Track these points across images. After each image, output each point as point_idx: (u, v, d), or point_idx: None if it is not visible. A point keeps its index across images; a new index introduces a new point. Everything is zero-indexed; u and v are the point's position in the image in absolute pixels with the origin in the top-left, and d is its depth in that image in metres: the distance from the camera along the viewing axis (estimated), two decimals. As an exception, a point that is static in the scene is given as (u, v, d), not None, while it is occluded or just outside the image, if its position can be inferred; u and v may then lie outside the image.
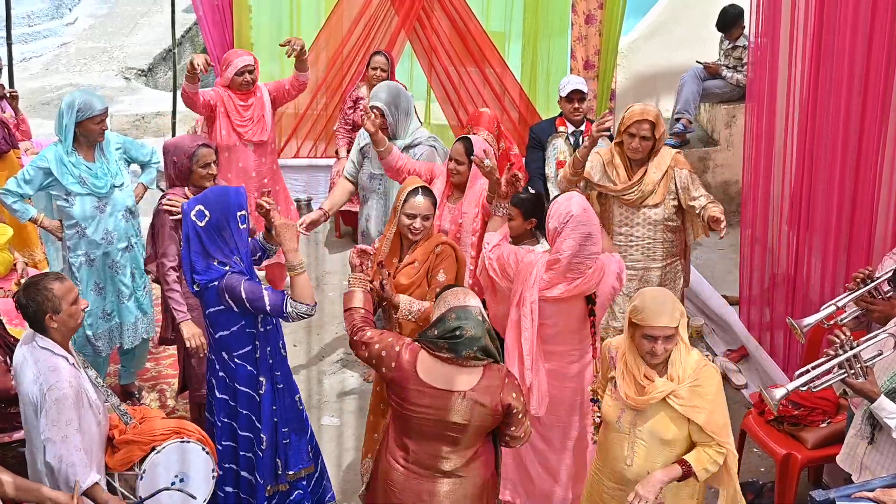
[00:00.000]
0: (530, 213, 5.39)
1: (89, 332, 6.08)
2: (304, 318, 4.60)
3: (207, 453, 4.67)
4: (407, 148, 6.28)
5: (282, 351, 4.92)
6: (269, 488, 4.96)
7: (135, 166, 6.32)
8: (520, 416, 4.12)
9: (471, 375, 4.05)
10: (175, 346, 5.90)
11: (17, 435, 5.16)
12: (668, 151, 5.87)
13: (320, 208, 6.36)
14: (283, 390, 4.92)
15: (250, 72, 7.02)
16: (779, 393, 4.05)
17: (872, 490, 3.77)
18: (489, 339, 4.08)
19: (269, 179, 7.14)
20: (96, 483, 4.13)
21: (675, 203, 5.82)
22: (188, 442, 4.60)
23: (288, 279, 5.02)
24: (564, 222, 4.77)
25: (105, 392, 4.46)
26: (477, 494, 4.20)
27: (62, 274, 4.37)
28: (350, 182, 6.55)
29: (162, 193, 5.61)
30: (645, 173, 5.80)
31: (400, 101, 6.26)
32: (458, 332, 4.01)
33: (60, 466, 4.05)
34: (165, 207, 5.45)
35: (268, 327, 4.77)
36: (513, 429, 4.15)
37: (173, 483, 4.56)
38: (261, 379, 4.80)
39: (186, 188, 5.52)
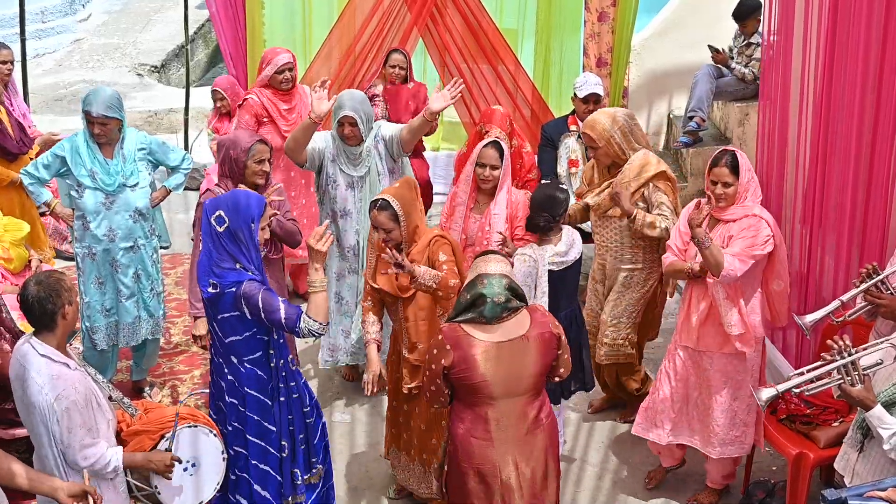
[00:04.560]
0: (541, 210, 5.42)
1: (87, 325, 6.10)
2: (314, 336, 4.60)
3: (215, 436, 4.66)
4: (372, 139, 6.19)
5: (291, 363, 4.88)
6: (291, 498, 4.94)
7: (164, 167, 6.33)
8: (563, 345, 4.39)
9: (522, 320, 4.28)
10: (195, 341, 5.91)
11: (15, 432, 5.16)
12: (650, 169, 5.73)
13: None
14: (298, 400, 4.91)
15: (290, 70, 7.03)
16: (766, 394, 4.04)
17: (885, 489, 3.75)
18: (513, 295, 4.25)
19: (307, 180, 7.13)
20: (124, 454, 4.22)
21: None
22: (196, 426, 4.60)
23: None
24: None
25: (107, 387, 4.45)
26: (553, 441, 4.44)
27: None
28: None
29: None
30: (610, 185, 5.77)
31: (366, 107, 6.10)
32: (488, 301, 4.21)
33: (84, 465, 4.08)
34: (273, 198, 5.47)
35: (281, 340, 4.74)
36: (559, 360, 4.40)
37: (185, 469, 4.56)
38: (280, 385, 4.77)
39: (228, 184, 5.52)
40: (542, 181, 6.65)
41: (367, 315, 5.39)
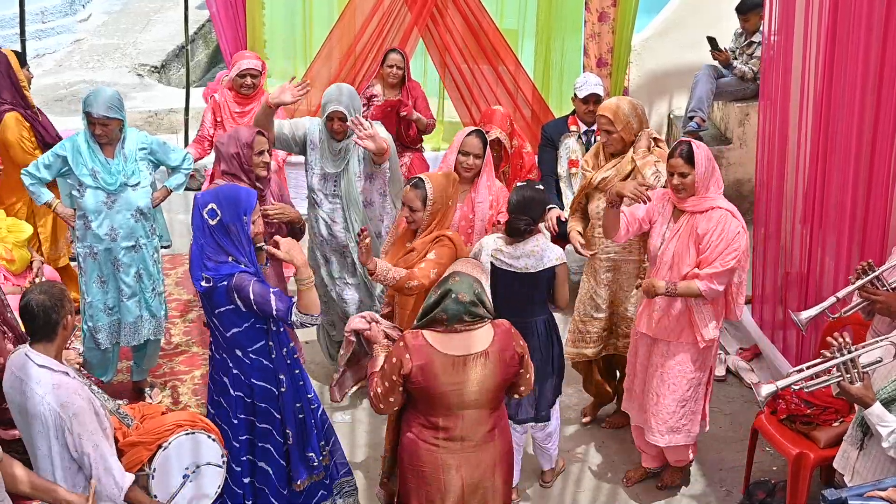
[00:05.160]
0: (521, 213, 5.36)
1: (90, 324, 6.10)
2: (308, 326, 4.63)
3: (214, 440, 4.64)
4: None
5: (294, 352, 4.95)
6: (302, 481, 5.00)
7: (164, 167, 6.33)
8: (526, 364, 4.36)
9: (484, 335, 4.24)
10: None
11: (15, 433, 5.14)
12: (649, 157, 5.74)
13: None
14: (304, 387, 4.98)
15: (253, 76, 6.99)
16: (765, 390, 4.05)
17: (885, 489, 3.75)
18: (481, 307, 4.23)
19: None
20: (133, 483, 4.19)
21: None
22: (193, 433, 4.57)
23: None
24: (714, 159, 5.12)
25: (101, 396, 4.42)
26: (505, 456, 4.39)
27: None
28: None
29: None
30: (619, 163, 5.79)
31: (355, 102, 6.09)
32: (452, 296, 4.19)
33: (101, 476, 4.06)
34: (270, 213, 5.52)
35: (281, 329, 4.79)
36: (520, 379, 4.37)
37: (186, 476, 4.55)
38: (280, 377, 4.82)
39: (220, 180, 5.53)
40: (537, 184, 6.60)
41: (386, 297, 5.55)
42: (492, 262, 5.28)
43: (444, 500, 4.30)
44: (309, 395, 5.04)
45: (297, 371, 4.94)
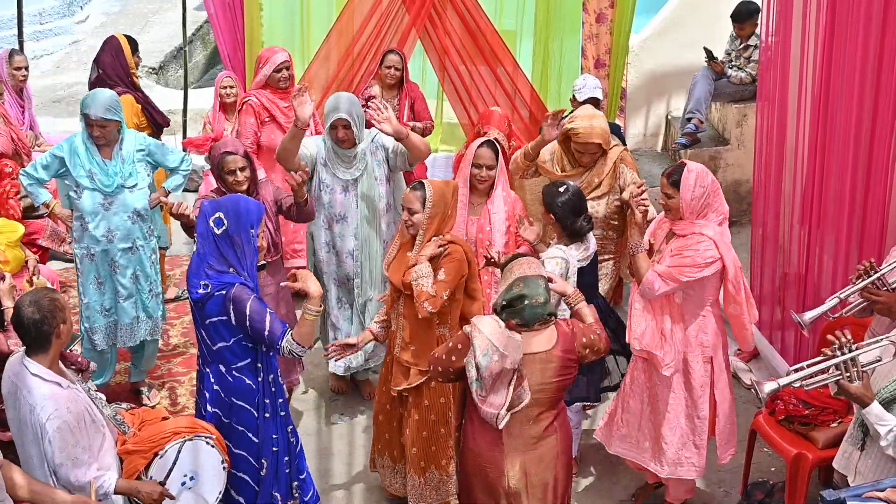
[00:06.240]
0: (579, 213, 5.38)
1: (86, 325, 6.10)
2: (293, 356, 4.57)
3: (213, 446, 4.56)
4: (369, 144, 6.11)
5: (279, 379, 4.86)
6: None
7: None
8: (594, 340, 4.35)
9: (548, 334, 4.23)
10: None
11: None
12: (616, 149, 5.86)
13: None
14: (284, 419, 4.89)
15: (287, 68, 7.06)
16: (768, 387, 4.05)
17: (883, 490, 3.75)
18: (551, 305, 4.26)
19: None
20: (118, 479, 4.16)
21: (618, 203, 5.81)
22: (190, 440, 4.50)
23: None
24: (715, 188, 4.94)
25: (100, 403, 4.39)
26: (566, 448, 4.41)
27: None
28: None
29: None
30: (594, 164, 5.85)
31: (357, 108, 6.04)
32: (526, 302, 4.15)
33: (73, 486, 4.05)
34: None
35: (270, 352, 4.69)
36: (592, 354, 4.38)
37: (184, 483, 4.51)
38: (266, 401, 4.74)
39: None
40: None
41: (382, 309, 5.44)
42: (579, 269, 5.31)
43: (506, 495, 4.30)
44: (289, 427, 4.94)
45: (280, 400, 4.84)
